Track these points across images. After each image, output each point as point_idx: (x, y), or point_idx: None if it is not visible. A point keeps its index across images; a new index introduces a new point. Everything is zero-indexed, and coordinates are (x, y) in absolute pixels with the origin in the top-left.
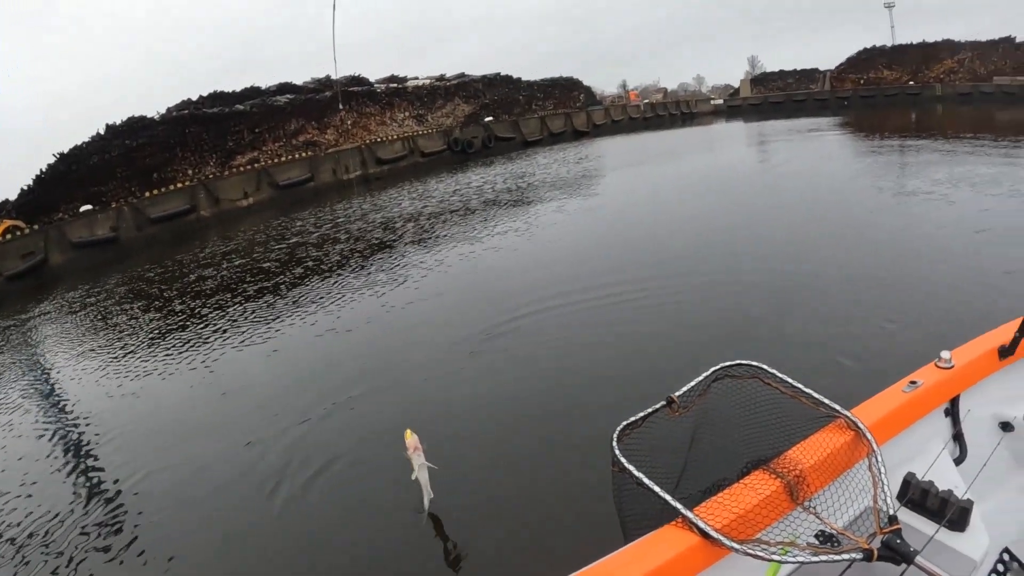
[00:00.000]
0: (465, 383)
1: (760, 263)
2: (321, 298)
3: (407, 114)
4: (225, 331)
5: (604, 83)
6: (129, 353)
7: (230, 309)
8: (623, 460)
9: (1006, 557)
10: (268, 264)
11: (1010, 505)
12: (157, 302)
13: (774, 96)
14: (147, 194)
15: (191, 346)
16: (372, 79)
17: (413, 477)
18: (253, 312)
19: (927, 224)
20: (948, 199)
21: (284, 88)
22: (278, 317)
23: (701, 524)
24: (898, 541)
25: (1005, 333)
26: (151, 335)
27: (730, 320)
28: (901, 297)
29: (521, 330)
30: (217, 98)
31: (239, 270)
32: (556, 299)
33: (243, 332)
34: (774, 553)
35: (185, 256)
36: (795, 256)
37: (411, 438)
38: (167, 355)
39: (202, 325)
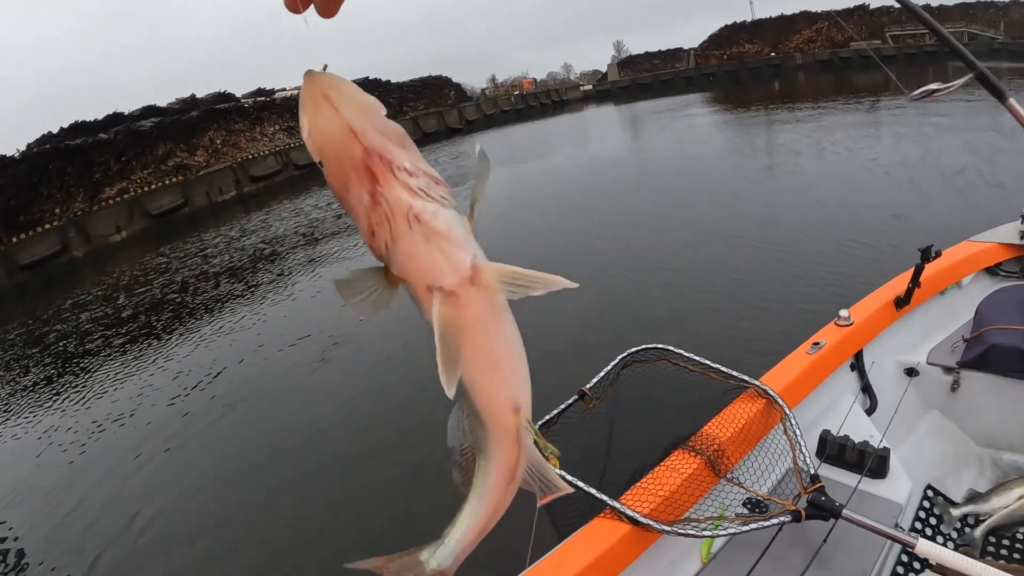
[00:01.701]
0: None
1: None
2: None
3: (278, 127)
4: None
5: (474, 79)
6: None
7: (91, 365)
8: None
9: (930, 493)
10: (129, 313)
11: (926, 444)
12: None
13: (642, 78)
14: (14, 239)
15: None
16: (239, 94)
17: None
18: (116, 371)
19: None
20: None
21: (148, 111)
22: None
23: (629, 512)
24: (823, 498)
25: (899, 285)
26: None
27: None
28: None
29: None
30: (79, 128)
31: (100, 324)
32: None
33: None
34: (705, 529)
35: (47, 310)
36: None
37: None
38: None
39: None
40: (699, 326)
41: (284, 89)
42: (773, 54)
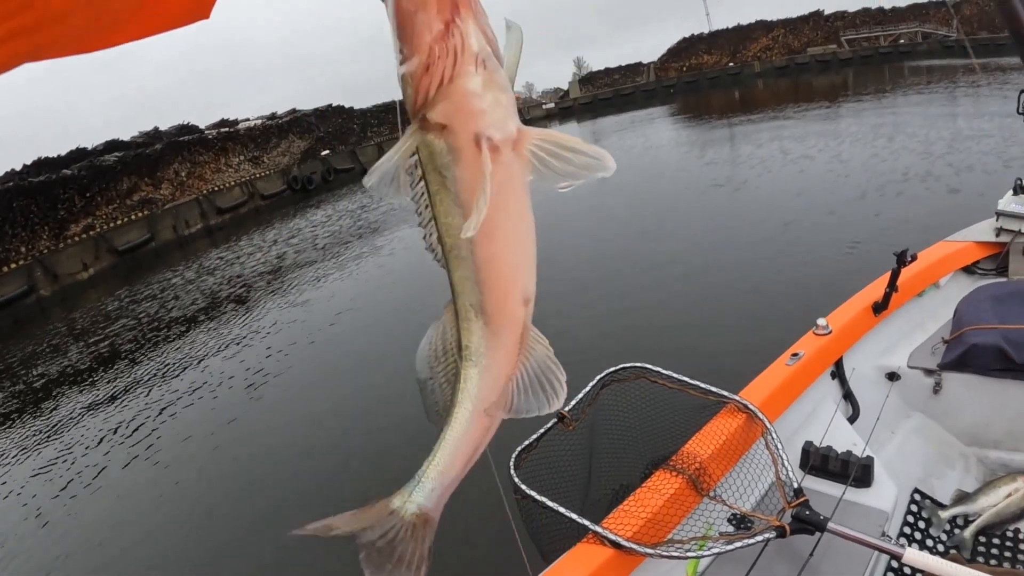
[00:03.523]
0: None
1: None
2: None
3: (242, 158)
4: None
5: None
6: None
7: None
8: (523, 486)
9: (917, 497)
10: (85, 364)
11: (910, 447)
12: None
13: (603, 93)
14: None
15: None
16: (202, 125)
17: None
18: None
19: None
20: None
21: (111, 146)
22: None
23: (612, 536)
24: (807, 512)
25: (876, 290)
26: None
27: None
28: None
29: None
30: (42, 165)
31: (55, 378)
32: None
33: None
34: (689, 550)
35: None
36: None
37: None
38: None
39: None
40: (676, 344)
41: (248, 119)
42: (732, 63)
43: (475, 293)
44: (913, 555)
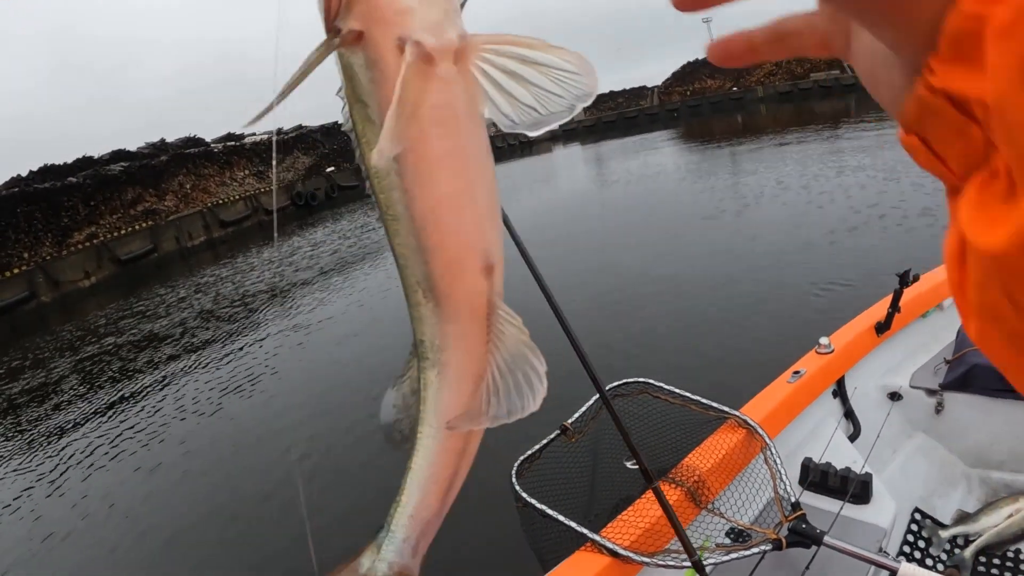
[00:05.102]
0: None
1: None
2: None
3: (247, 172)
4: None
5: None
6: None
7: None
8: (524, 495)
9: (918, 516)
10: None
11: (912, 467)
12: None
13: (607, 116)
14: None
15: None
16: (208, 138)
17: None
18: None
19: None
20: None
21: (118, 155)
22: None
23: (609, 544)
24: (804, 526)
25: (879, 310)
26: None
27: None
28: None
29: None
30: (48, 172)
31: (38, 391)
32: None
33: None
34: (686, 560)
35: None
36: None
37: None
38: None
39: None
40: (680, 360)
41: (254, 134)
42: (735, 88)
43: (419, 263)
44: (908, 570)
